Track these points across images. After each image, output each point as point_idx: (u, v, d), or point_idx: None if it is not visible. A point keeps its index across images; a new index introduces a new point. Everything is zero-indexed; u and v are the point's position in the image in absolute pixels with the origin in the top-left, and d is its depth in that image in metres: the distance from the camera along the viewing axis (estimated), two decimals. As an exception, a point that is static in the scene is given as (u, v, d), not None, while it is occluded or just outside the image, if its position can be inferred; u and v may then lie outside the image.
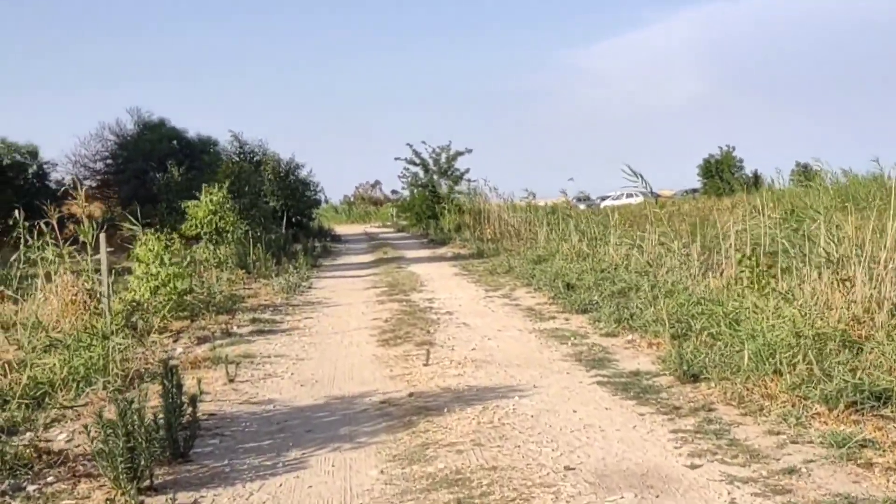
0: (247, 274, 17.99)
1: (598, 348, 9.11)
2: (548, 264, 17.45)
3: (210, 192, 16.89)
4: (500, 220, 29.54)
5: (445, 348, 9.45)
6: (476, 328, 10.75)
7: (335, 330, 11.15)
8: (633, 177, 16.77)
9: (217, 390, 7.75)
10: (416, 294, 14.45)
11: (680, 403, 6.75)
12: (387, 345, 9.82)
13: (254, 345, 10.19)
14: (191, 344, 10.52)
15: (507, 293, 14.11)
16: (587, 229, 19.39)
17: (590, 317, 11.02)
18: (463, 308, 12.55)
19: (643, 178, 17.35)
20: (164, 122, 37.60)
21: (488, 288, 14.92)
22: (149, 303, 11.95)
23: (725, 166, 48.85)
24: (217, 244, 16.80)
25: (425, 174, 39.58)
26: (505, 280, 16.07)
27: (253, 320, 11.99)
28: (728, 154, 49.67)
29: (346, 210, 77.30)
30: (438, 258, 23.09)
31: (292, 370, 8.62)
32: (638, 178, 16.89)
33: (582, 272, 14.95)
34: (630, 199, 56.09)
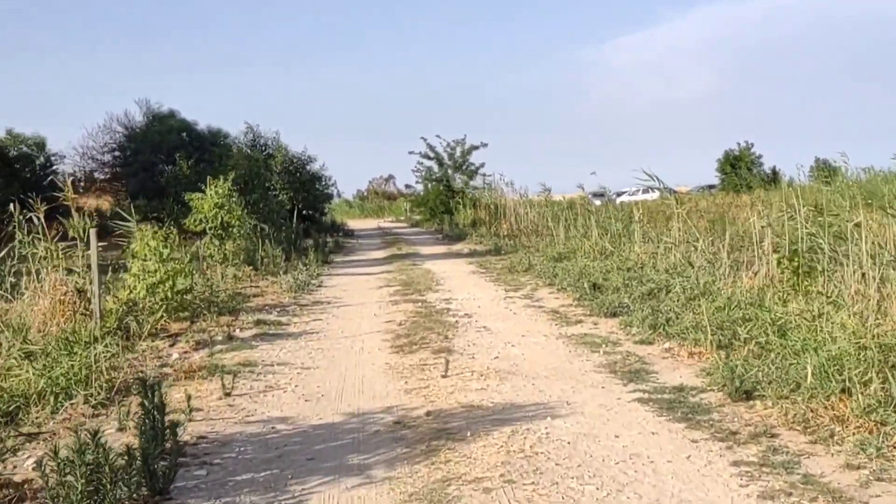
0: (254, 271, 17.20)
1: (634, 358, 8.24)
2: (570, 262, 16.59)
3: (215, 184, 16.08)
4: (517, 215, 28.67)
5: (465, 356, 8.60)
6: (498, 333, 9.90)
7: (345, 334, 10.32)
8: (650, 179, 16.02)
9: (211, 406, 6.93)
10: (432, 294, 13.61)
11: (736, 427, 5.88)
12: (401, 352, 8.98)
13: (256, 351, 9.37)
14: (188, 349, 9.72)
15: (528, 293, 13.25)
16: (610, 226, 18.48)
17: (620, 321, 10.15)
18: (482, 310, 11.70)
19: (658, 179, 16.59)
20: (174, 114, 36.91)
21: (508, 288, 14.05)
22: (145, 302, 11.15)
23: (744, 162, 47.77)
24: (223, 240, 15.99)
25: (440, 168, 38.77)
26: (525, 279, 15.20)
27: (257, 322, 11.17)
28: (746, 150, 48.59)
29: (359, 205, 76.54)
30: (454, 255, 22.24)
31: (297, 381, 7.79)
32: (654, 179, 16.16)
33: (607, 271, 14.08)
34: (646, 194, 54.96)
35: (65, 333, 9.10)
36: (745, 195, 38.35)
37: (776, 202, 33.65)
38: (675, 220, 16.71)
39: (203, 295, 12.58)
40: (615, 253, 16.02)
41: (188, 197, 16.35)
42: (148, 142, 35.25)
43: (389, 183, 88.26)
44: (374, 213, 69.47)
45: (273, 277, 16.43)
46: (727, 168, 47.91)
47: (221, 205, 15.89)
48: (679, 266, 13.78)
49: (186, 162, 31.92)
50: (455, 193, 38.27)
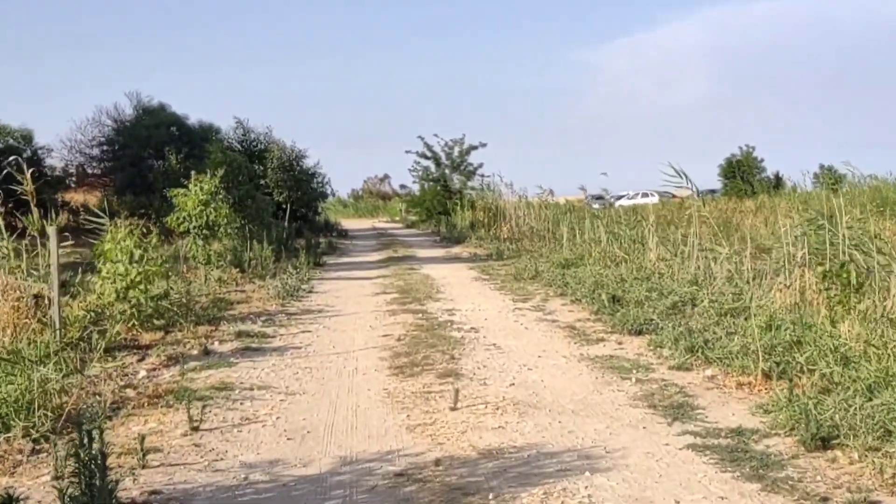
0: (241, 273, 15.96)
1: (673, 388, 7.03)
2: (579, 270, 15.40)
3: (200, 180, 14.83)
4: (518, 218, 27.46)
5: (476, 382, 7.38)
6: (510, 352, 8.68)
7: (337, 349, 9.10)
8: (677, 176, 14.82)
9: (173, 445, 5.69)
10: (433, 303, 12.39)
11: (824, 489, 4.69)
12: (401, 374, 7.76)
13: (235, 369, 8.14)
14: (159, 365, 8.49)
15: (539, 305, 12.04)
16: (621, 231, 17.29)
17: (648, 341, 8.94)
18: (490, 323, 10.49)
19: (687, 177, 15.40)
20: (164, 108, 35.61)
21: (516, 297, 12.83)
22: (112, 309, 9.92)
23: (747, 167, 46.65)
24: (208, 240, 14.75)
25: (437, 168, 37.62)
26: (533, 288, 13.99)
27: (239, 334, 9.94)
28: (749, 155, 47.49)
29: (353, 204, 75.26)
30: (453, 259, 21.02)
31: (279, 411, 6.57)
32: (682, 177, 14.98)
33: (621, 281, 12.90)
34: (646, 198, 54.04)
35: (13, 347, 7.88)
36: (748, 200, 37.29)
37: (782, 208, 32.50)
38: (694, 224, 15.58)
39: (180, 301, 11.34)
40: (628, 260, 14.81)
41: (171, 193, 15.11)
42: (136, 136, 33.95)
43: (384, 183, 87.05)
44: (368, 212, 68.20)
45: (261, 281, 15.19)
46: (730, 173, 46.75)
47: (207, 202, 14.64)
48: (700, 276, 12.62)
49: (176, 157, 30.69)
50: (452, 194, 37.11)
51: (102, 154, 36.23)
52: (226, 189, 19.16)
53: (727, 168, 47.30)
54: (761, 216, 27.33)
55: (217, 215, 14.65)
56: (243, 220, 19.34)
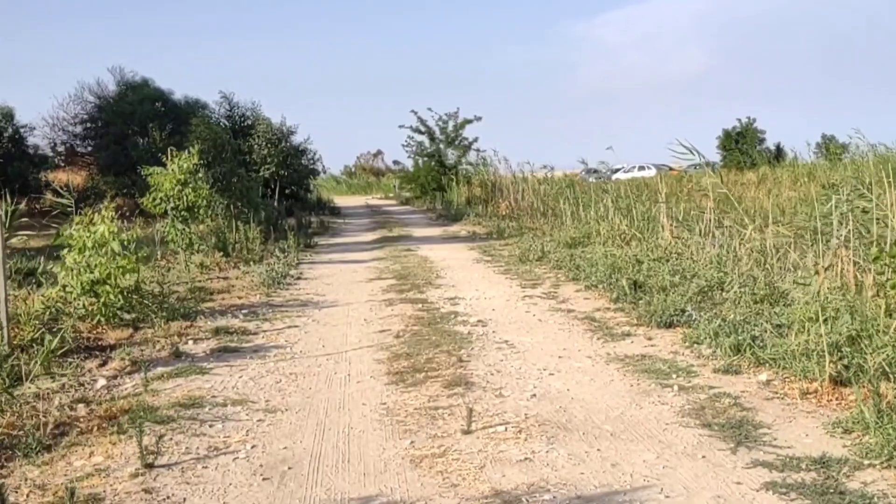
0: (225, 258, 14.73)
1: (726, 399, 5.86)
2: (587, 250, 14.23)
3: (179, 157, 13.54)
4: (517, 193, 26.22)
5: (490, 393, 6.20)
6: (526, 352, 7.50)
7: (327, 350, 7.91)
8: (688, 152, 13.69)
9: (117, 492, 4.50)
10: (433, 290, 11.18)
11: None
12: (402, 382, 6.58)
13: (208, 377, 6.95)
14: (121, 371, 7.30)
15: (550, 291, 10.84)
16: (631, 207, 16.10)
17: (683, 336, 7.77)
18: (499, 315, 9.30)
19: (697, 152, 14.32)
20: (148, 83, 34.22)
21: (524, 283, 11.63)
22: (71, 308, 8.72)
23: (748, 139, 45.39)
24: (187, 222, 13.50)
25: (431, 143, 36.33)
26: (542, 271, 12.79)
27: (216, 331, 8.74)
28: (749, 126, 46.22)
29: (346, 181, 73.89)
30: (451, 238, 19.80)
31: (254, 437, 5.38)
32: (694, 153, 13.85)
33: (637, 263, 11.72)
34: (642, 171, 52.86)
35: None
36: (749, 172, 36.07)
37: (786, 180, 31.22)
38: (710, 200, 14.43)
39: (153, 293, 10.13)
40: (643, 239, 13.61)
41: (145, 171, 13.82)
42: (120, 112, 32.58)
43: (378, 159, 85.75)
44: (361, 189, 66.87)
45: (246, 266, 13.97)
46: (729, 145, 45.49)
47: (186, 182, 13.37)
48: (723, 257, 11.46)
49: (160, 133, 29.35)
50: (447, 170, 35.86)
51: (85, 132, 34.82)
52: (207, 166, 17.93)
53: (726, 139, 46.04)
54: (764, 188, 26.22)
55: (196, 196, 13.36)
56: (228, 200, 18.11)
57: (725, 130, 46.09)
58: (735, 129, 45.83)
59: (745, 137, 44.96)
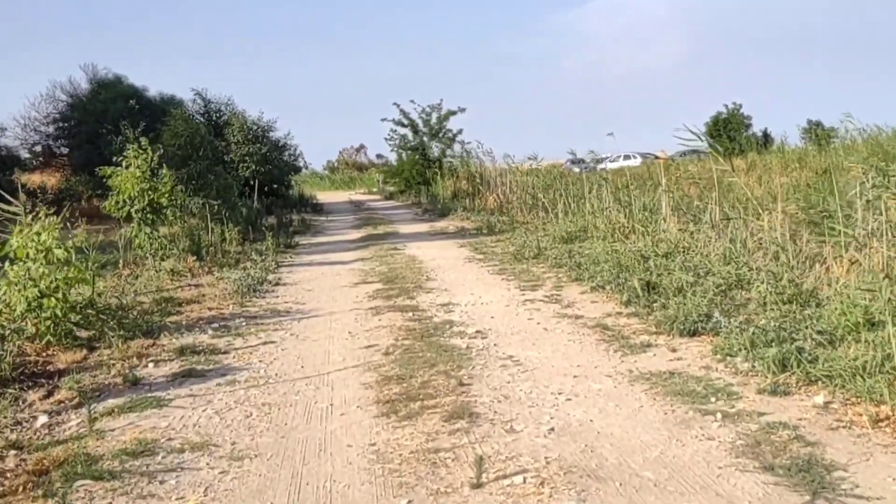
0: (199, 262, 13.62)
1: (783, 431, 4.85)
2: (585, 245, 13.25)
3: (138, 154, 12.41)
4: (505, 186, 25.19)
5: (499, 427, 5.18)
6: (535, 370, 6.48)
7: (306, 371, 6.85)
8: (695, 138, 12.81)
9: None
10: (424, 295, 10.13)
11: None
12: (394, 414, 5.53)
13: (166, 411, 5.89)
14: (67, 404, 6.24)
15: (552, 294, 9.81)
16: (631, 198, 15.10)
17: (713, 347, 6.77)
18: (499, 324, 8.26)
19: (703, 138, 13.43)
20: (121, 80, 32.92)
21: (523, 285, 10.58)
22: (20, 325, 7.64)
23: (734, 125, 44.51)
24: (154, 225, 12.38)
25: (415, 136, 35.28)
26: (540, 270, 11.77)
27: (182, 350, 7.66)
28: (735, 112, 45.38)
29: (328, 176, 72.67)
30: (439, 234, 18.74)
31: (213, 497, 4.33)
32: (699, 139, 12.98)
33: (642, 259, 10.76)
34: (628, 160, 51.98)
35: None
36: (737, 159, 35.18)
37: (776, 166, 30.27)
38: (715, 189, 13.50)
39: (112, 306, 9.04)
40: (646, 233, 12.61)
41: (102, 172, 12.70)
42: (93, 111, 31.27)
43: (360, 153, 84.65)
44: (344, 184, 65.65)
45: (221, 271, 12.88)
46: (716, 132, 44.59)
47: (149, 181, 12.24)
48: (734, 251, 10.51)
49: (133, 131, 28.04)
50: (432, 163, 34.82)
51: (58, 131, 33.49)
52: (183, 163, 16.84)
53: (713, 126, 45.14)
54: (754, 175, 25.33)
55: (161, 196, 12.24)
56: (203, 199, 16.99)
57: (714, 117, 45.22)
58: (721, 116, 44.95)
59: (732, 123, 44.09)
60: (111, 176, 12.38)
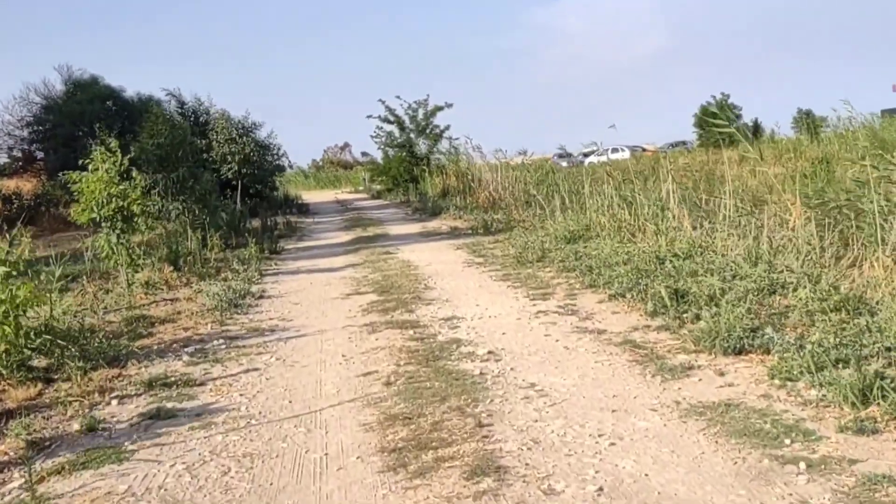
0: (176, 273, 12.56)
1: (891, 488, 3.88)
2: (591, 245, 12.29)
3: (106, 157, 11.31)
4: (497, 183, 24.18)
5: (534, 486, 4.17)
6: (564, 402, 5.47)
7: (295, 408, 5.82)
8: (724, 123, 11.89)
9: None
10: (424, 307, 9.11)
11: None
12: (402, 469, 4.52)
13: (127, 468, 4.85)
14: (13, 457, 5.19)
15: (567, 303, 8.79)
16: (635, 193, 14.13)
17: (766, 367, 5.78)
18: (513, 341, 7.26)
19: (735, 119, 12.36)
20: (98, 80, 31.71)
21: (532, 293, 9.56)
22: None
23: (723, 115, 43.53)
24: (124, 234, 11.30)
25: (401, 133, 34.20)
26: (547, 275, 10.76)
27: (150, 383, 6.60)
28: (724, 102, 44.53)
29: (314, 175, 71.46)
30: (433, 235, 17.70)
31: None
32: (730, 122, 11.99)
33: (658, 261, 9.82)
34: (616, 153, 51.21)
35: None
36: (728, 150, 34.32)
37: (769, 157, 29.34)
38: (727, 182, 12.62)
39: (73, 330, 7.97)
40: (658, 231, 11.64)
41: (67, 177, 11.63)
42: (68, 113, 30.08)
43: (345, 151, 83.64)
44: (330, 183, 64.47)
45: (200, 282, 11.83)
46: (705, 122, 43.68)
47: (113, 186, 11.14)
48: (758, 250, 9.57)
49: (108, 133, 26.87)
50: (419, 160, 33.79)
51: (32, 135, 32.23)
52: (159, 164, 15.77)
53: (701, 117, 44.24)
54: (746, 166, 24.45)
55: (131, 202, 11.14)
56: (183, 205, 15.93)
57: (703, 107, 44.38)
58: (710, 106, 44.06)
59: (721, 114, 43.16)
60: (80, 181, 11.26)
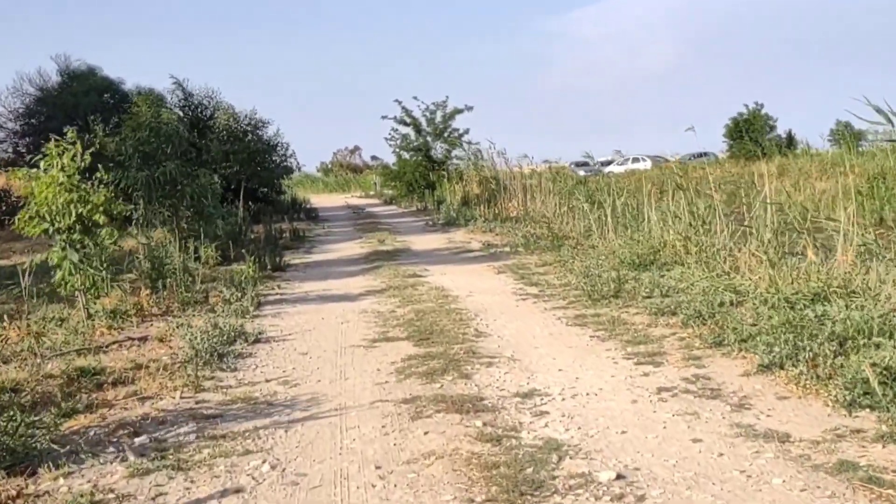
0: (155, 296, 9.85)
1: None
2: (674, 275, 9.64)
3: (64, 150, 8.61)
4: (531, 191, 21.44)
5: None
6: None
7: None
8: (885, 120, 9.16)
9: None
10: (485, 369, 6.34)
11: None
12: None
13: None
14: None
15: (693, 373, 5.98)
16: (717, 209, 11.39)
17: None
18: (644, 450, 4.49)
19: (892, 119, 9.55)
20: (94, 71, 29.04)
21: (630, 348, 6.74)
22: None
23: (757, 126, 40.72)
24: (83, 248, 8.58)
25: (417, 136, 31.41)
26: (637, 318, 7.95)
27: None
28: (757, 112, 41.51)
29: (323, 178, 68.81)
30: (464, 252, 14.94)
31: None
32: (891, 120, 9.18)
33: (789, 306, 7.09)
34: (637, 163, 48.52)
35: None
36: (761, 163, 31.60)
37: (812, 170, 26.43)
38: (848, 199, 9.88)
39: None
40: (774, 264, 8.86)
41: (12, 176, 8.95)
42: (62, 105, 27.40)
43: (355, 155, 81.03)
44: (339, 187, 61.77)
45: (182, 311, 9.14)
46: (736, 133, 40.85)
47: (72, 189, 8.43)
48: None
49: (102, 126, 24.22)
50: (436, 165, 31.07)
51: (24, 128, 29.56)
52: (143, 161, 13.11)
53: (733, 128, 41.39)
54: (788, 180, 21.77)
55: (91, 209, 8.43)
56: (171, 211, 13.23)
57: (734, 118, 41.45)
58: (742, 117, 41.21)
59: (754, 125, 40.36)
60: (16, 178, 8.55)
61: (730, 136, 41.68)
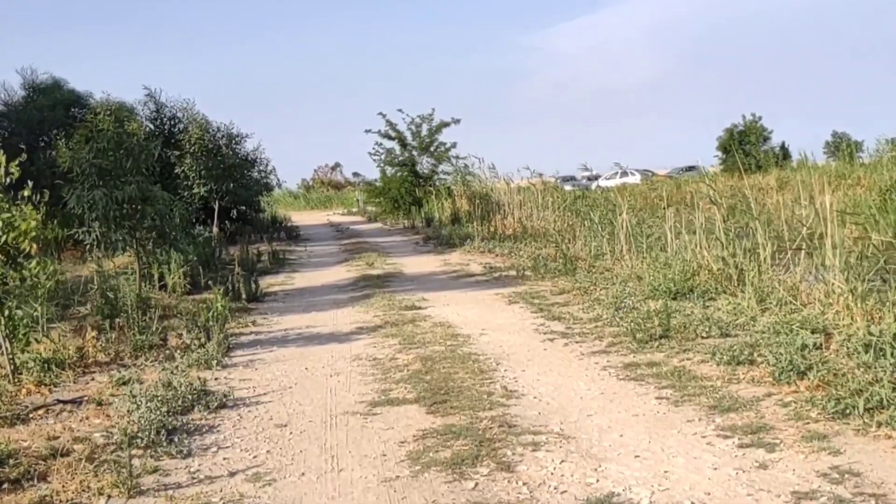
0: (101, 338, 8.04)
1: None
2: (725, 307, 8.01)
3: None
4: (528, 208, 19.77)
5: None
6: None
7: None
8: None
9: None
10: (529, 454, 4.59)
11: None
12: None
13: None
14: None
15: (831, 463, 4.23)
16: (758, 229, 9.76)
17: None
18: None
19: None
20: (61, 84, 27.09)
21: (720, 418, 5.01)
22: None
23: (752, 138, 39.31)
24: (3, 284, 6.78)
25: (402, 150, 29.77)
26: (708, 369, 6.23)
27: None
28: (753, 124, 40.12)
29: (304, 195, 66.85)
30: (465, 278, 13.16)
31: None
32: None
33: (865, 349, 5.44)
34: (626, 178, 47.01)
35: None
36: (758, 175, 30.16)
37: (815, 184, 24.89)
38: None
39: None
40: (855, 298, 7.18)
41: None
42: (26, 121, 25.47)
43: (336, 171, 79.13)
44: (321, 204, 59.84)
45: (135, 360, 7.35)
46: (731, 145, 39.39)
47: None
48: None
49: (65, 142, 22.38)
50: (423, 180, 29.43)
51: (-13, 145, 27.59)
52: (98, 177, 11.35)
53: (727, 139, 39.96)
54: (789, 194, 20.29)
55: (17, 235, 6.67)
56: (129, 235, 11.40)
57: (727, 129, 40.08)
58: (737, 128, 39.84)
59: (749, 136, 38.97)
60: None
61: (723, 148, 40.30)
